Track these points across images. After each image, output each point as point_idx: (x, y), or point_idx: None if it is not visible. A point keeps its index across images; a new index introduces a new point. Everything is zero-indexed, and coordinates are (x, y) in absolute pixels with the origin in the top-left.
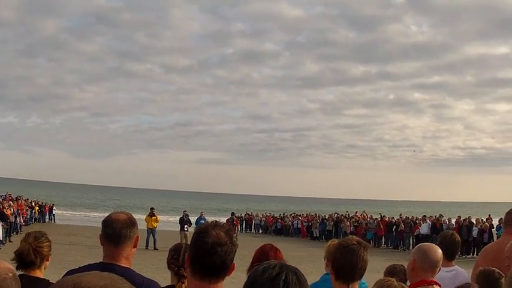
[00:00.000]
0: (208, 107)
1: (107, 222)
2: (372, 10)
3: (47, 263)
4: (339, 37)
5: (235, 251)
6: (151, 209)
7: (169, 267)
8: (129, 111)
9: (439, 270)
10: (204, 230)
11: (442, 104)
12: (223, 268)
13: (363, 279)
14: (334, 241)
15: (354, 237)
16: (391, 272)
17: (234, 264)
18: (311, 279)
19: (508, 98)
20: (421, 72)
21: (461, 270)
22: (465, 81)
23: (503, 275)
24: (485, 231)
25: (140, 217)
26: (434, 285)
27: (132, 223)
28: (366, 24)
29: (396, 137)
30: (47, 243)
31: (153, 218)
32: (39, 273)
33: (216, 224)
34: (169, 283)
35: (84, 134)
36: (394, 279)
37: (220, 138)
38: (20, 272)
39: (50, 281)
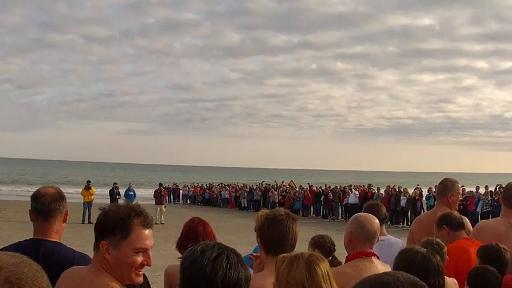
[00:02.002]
0: (131, 77)
1: (35, 197)
2: None
3: None
4: (258, 6)
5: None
6: (88, 181)
7: None
8: (53, 83)
9: (378, 240)
10: None
11: (366, 74)
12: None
13: (295, 251)
14: (264, 211)
15: (281, 209)
16: (318, 242)
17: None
18: (241, 250)
19: (433, 68)
20: (343, 42)
21: (395, 240)
22: (388, 51)
23: (443, 245)
24: (418, 199)
25: (68, 190)
26: (373, 257)
27: (61, 197)
28: None
29: (320, 107)
30: None
31: (89, 191)
32: None
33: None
34: None
35: (9, 106)
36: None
37: (144, 108)
38: None
39: None
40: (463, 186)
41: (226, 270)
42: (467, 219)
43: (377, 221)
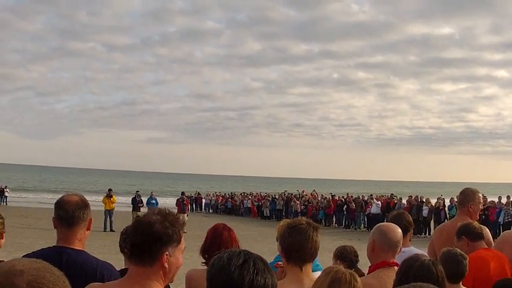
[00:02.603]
0: (152, 85)
1: (59, 205)
2: None
3: (2, 241)
4: (279, 15)
5: (170, 234)
6: (109, 190)
7: (121, 251)
8: (74, 91)
9: (400, 250)
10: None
11: (387, 83)
12: (144, 249)
13: (317, 260)
14: (285, 221)
15: (303, 218)
16: (341, 253)
17: (166, 256)
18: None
19: (454, 78)
20: (364, 52)
21: (417, 251)
22: (409, 60)
23: (466, 256)
24: (441, 209)
25: (89, 198)
26: (395, 267)
27: (84, 205)
28: (306, 2)
29: (342, 116)
30: (0, 221)
31: (110, 199)
32: None
33: (157, 211)
34: (122, 265)
35: (30, 114)
36: (342, 268)
37: (165, 117)
38: None
39: (1, 260)
40: (484, 196)
41: (253, 276)
42: (487, 229)
43: (400, 230)
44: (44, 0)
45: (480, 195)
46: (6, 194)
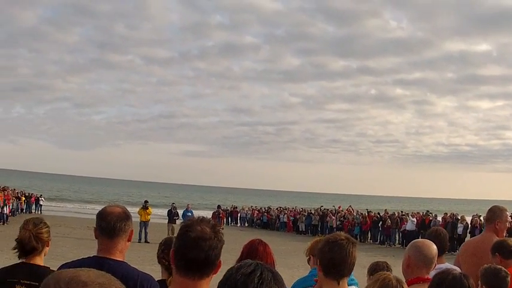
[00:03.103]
0: (190, 99)
1: (101, 216)
2: (349, 4)
3: (47, 248)
4: (317, 31)
5: (221, 247)
6: (146, 201)
7: (159, 262)
8: (112, 103)
9: (435, 266)
10: (189, 224)
11: (424, 100)
12: (207, 264)
13: (352, 275)
14: (320, 238)
15: (342, 233)
16: (374, 269)
17: (220, 261)
18: (298, 273)
19: (491, 95)
20: (401, 68)
21: (454, 268)
22: (446, 77)
23: (509, 273)
24: (476, 227)
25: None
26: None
27: (126, 216)
28: (344, 18)
29: (379, 133)
30: (46, 229)
31: (146, 210)
32: (39, 260)
33: (202, 219)
34: (156, 276)
35: (68, 124)
36: (390, 274)
37: (203, 130)
38: (20, 260)
39: (51, 269)
40: None
41: (257, 285)
42: None
43: (435, 246)
44: (82, 12)
45: (508, 213)
46: (41, 202)
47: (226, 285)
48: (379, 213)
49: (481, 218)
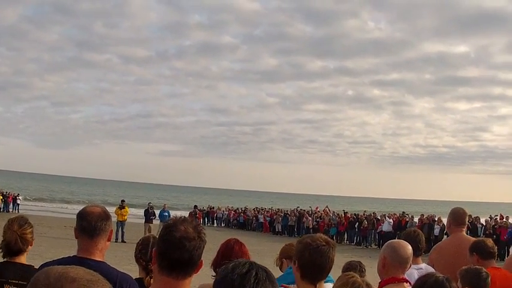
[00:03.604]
0: (168, 98)
1: (82, 215)
2: (328, 4)
3: (30, 247)
4: (295, 31)
5: (203, 247)
6: (122, 201)
7: (137, 262)
8: (90, 102)
9: (410, 266)
10: (172, 224)
11: (402, 101)
12: (190, 264)
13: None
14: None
15: (322, 235)
16: (347, 268)
17: (201, 261)
18: (274, 274)
19: (468, 97)
20: (379, 69)
21: (431, 269)
22: (424, 79)
23: (489, 273)
24: None
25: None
26: (405, 283)
27: (106, 216)
28: (323, 18)
29: (356, 133)
30: (31, 229)
31: (123, 210)
32: (23, 259)
33: (184, 219)
34: (133, 275)
35: (45, 123)
36: (356, 275)
37: (180, 130)
38: (4, 259)
39: (34, 267)
40: (496, 216)
41: (253, 285)
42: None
43: (410, 247)
44: (61, 10)
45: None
46: (18, 201)
47: (222, 285)
48: (355, 214)
49: None
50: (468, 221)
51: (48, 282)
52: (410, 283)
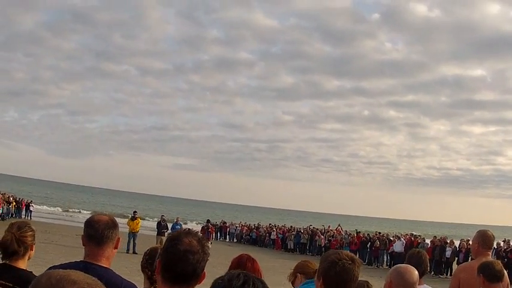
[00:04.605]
0: (184, 112)
1: (89, 223)
2: (346, 24)
3: (32, 252)
4: (313, 50)
5: (207, 259)
6: (134, 212)
7: (143, 271)
8: (105, 112)
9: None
10: (176, 237)
11: (417, 123)
12: (194, 276)
13: None
14: (329, 255)
15: (348, 253)
16: None
17: (204, 273)
18: None
19: (484, 120)
20: (395, 90)
21: None
22: (440, 101)
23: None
24: (462, 251)
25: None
26: None
27: (114, 224)
28: (340, 38)
29: (371, 154)
30: (31, 233)
31: (135, 221)
32: (22, 264)
33: (188, 232)
34: (143, 286)
35: (60, 131)
36: None
37: (195, 144)
38: (2, 262)
39: (33, 273)
40: (509, 240)
41: None
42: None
43: (416, 272)
44: (80, 19)
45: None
46: (31, 208)
47: None
48: (368, 234)
49: (470, 242)
50: None
51: (49, 283)
52: None
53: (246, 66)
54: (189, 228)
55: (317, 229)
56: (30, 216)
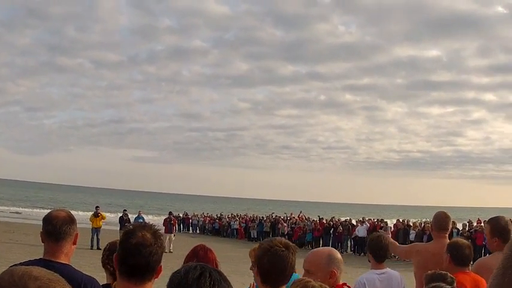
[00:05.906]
0: (140, 104)
1: (47, 220)
2: (298, 8)
3: None
4: (266, 35)
5: (162, 253)
6: (97, 208)
7: (104, 267)
8: (63, 107)
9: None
10: (131, 231)
11: (374, 106)
12: (148, 269)
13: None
14: (262, 244)
15: (282, 240)
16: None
17: (161, 266)
18: (249, 280)
19: (442, 101)
20: (351, 74)
21: (394, 273)
22: (396, 83)
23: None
24: (426, 233)
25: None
26: (344, 286)
27: (71, 220)
28: (293, 22)
29: (330, 139)
30: None
31: (98, 217)
32: None
33: (144, 225)
34: (105, 282)
35: (19, 129)
36: (312, 280)
37: (154, 136)
38: None
39: None
40: (471, 221)
41: (210, 287)
42: None
43: (338, 255)
44: (34, 14)
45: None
46: None
47: None
48: (331, 220)
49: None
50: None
51: (12, 280)
52: (349, 287)
53: (200, 54)
54: (145, 222)
55: (279, 217)
56: None
